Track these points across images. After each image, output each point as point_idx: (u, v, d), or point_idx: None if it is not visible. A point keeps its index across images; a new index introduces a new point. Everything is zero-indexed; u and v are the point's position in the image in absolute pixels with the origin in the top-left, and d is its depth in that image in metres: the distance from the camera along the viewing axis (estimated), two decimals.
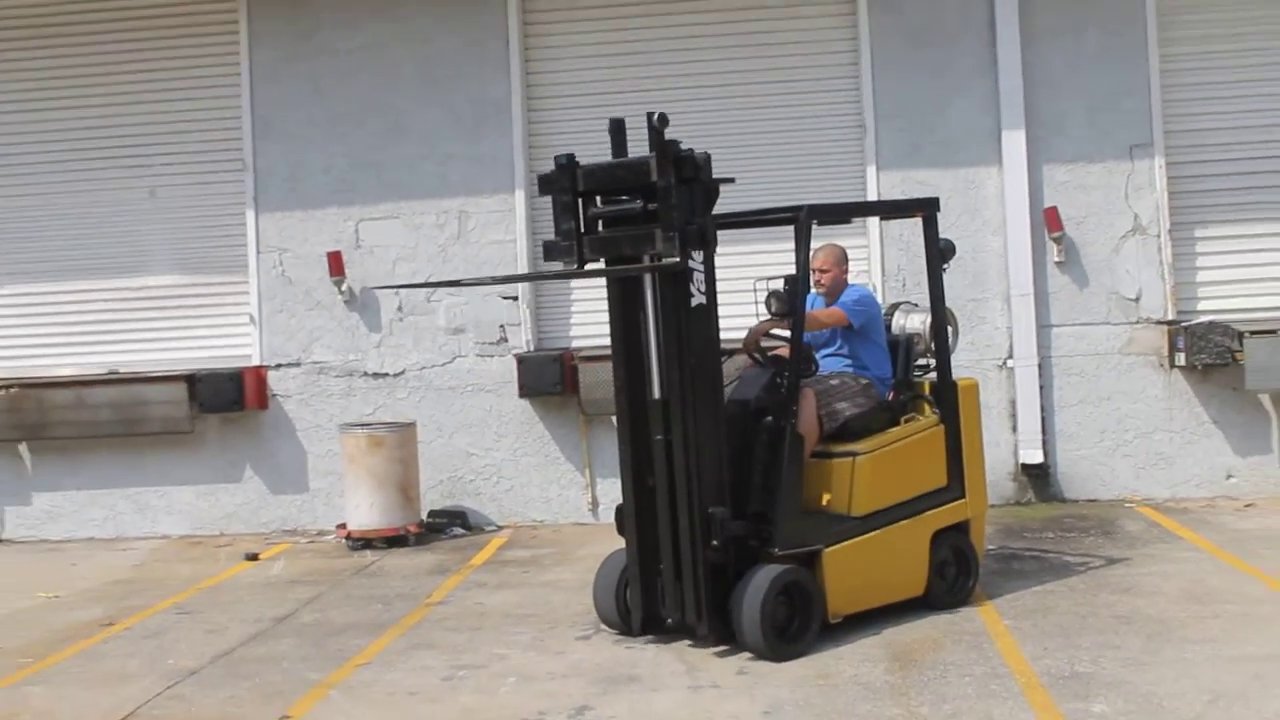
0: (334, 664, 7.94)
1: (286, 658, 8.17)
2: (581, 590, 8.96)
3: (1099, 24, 12.01)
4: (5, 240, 13.25)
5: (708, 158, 7.66)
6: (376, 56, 12.64)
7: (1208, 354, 11.58)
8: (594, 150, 8.08)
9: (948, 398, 8.69)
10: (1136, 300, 12.00)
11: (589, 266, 8.04)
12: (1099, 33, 12.00)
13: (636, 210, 7.78)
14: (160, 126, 12.98)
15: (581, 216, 7.98)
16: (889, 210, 11.19)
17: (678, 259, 7.61)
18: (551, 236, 8.08)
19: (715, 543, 7.61)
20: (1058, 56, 12.02)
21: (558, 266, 8.29)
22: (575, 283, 12.49)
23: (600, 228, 7.99)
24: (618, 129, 8.02)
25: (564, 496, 12.47)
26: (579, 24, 12.46)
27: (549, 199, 8.04)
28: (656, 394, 7.79)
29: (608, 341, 8.14)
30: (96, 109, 13.06)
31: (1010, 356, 12.02)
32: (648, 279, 7.79)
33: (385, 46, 12.62)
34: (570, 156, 7.98)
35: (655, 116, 7.58)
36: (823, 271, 8.70)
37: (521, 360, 12.27)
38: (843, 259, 8.86)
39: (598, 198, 8.00)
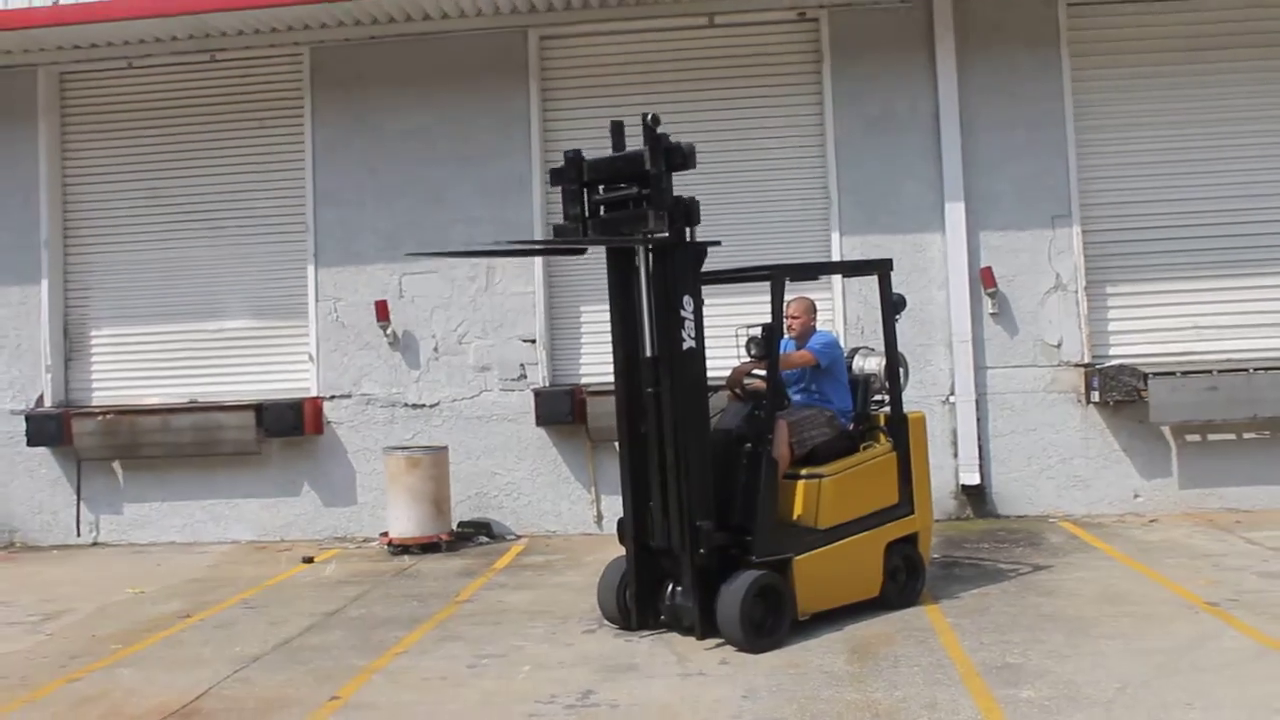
0: (376, 652, 7.87)
1: (336, 646, 8.10)
2: (588, 591, 8.87)
3: (1026, 119, 12.01)
4: (105, 289, 13.24)
5: (693, 148, 7.70)
6: (419, 137, 12.64)
7: (1118, 392, 11.56)
8: None
9: (899, 428, 8.66)
10: (1058, 346, 11.97)
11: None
12: (1026, 126, 12.01)
13: (633, 195, 7.78)
14: (237, 194, 13.00)
15: (586, 203, 7.98)
16: (850, 269, 11.17)
17: (667, 234, 7.58)
18: (562, 244, 8.10)
19: (702, 550, 7.56)
20: (991, 144, 12.02)
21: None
22: (584, 330, 12.49)
23: (603, 212, 7.99)
24: (617, 129, 8.06)
25: (573, 510, 12.38)
26: (588, 111, 12.42)
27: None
28: (648, 352, 7.75)
29: (612, 379, 8.10)
30: (185, 179, 13.08)
31: (952, 393, 11.97)
32: (641, 254, 7.75)
33: (426, 129, 12.63)
34: (577, 152, 8.01)
35: (649, 116, 7.63)
36: (794, 319, 8.68)
37: (538, 394, 12.22)
38: (811, 309, 8.84)
39: (600, 187, 8.01)
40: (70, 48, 12.91)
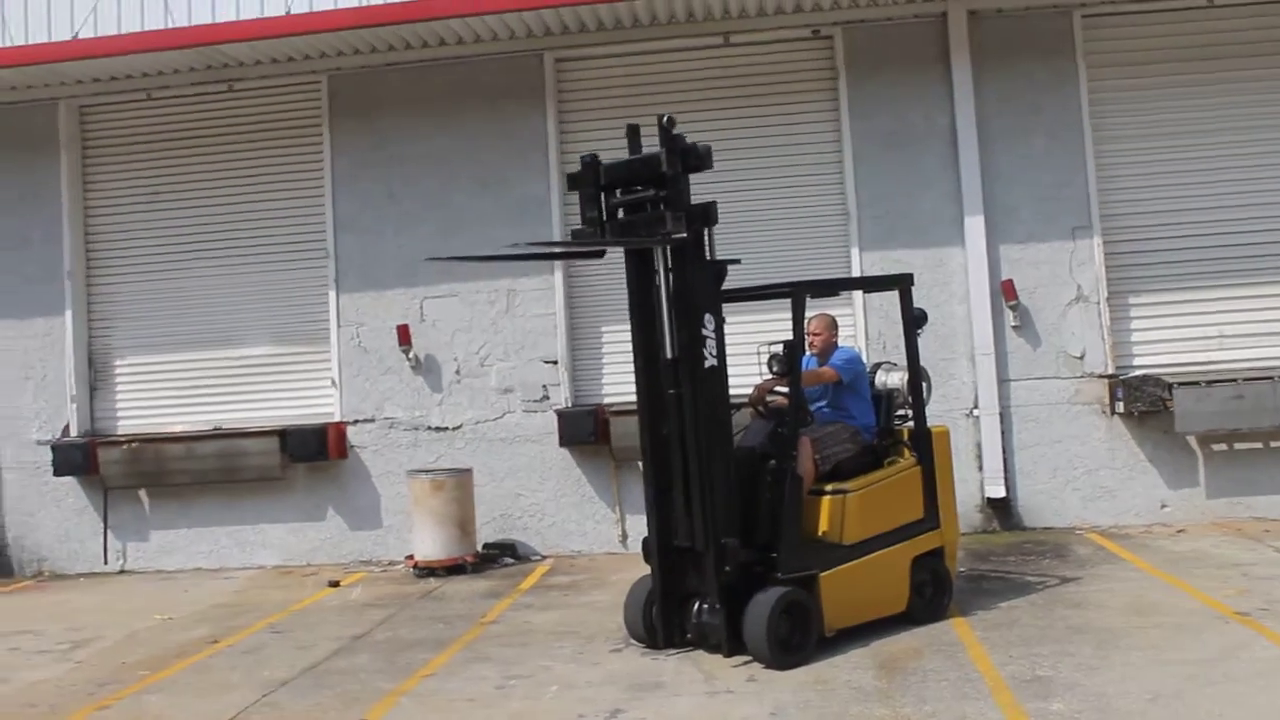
0: (404, 675, 7.89)
1: (364, 670, 8.12)
2: (614, 610, 8.87)
3: (1044, 129, 12.02)
4: (130, 318, 13.34)
5: (709, 148, 7.72)
6: (438, 163, 12.71)
7: (1142, 402, 11.52)
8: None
9: (923, 442, 8.64)
10: (1081, 358, 11.94)
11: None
12: (1044, 136, 12.01)
13: (650, 198, 7.79)
14: (258, 222, 13.09)
15: (604, 206, 7.99)
16: (870, 285, 11.19)
17: (685, 235, 7.59)
18: (581, 246, 8.17)
19: (727, 568, 7.55)
20: (1010, 155, 12.02)
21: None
22: (605, 350, 12.51)
23: (620, 215, 8.01)
24: (633, 133, 8.07)
25: (598, 530, 12.39)
26: (605, 134, 12.39)
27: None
28: (669, 354, 7.75)
29: (634, 398, 8.11)
30: (205, 208, 13.17)
31: (976, 407, 11.94)
32: (659, 257, 7.76)
33: (445, 155, 12.70)
34: (594, 156, 8.03)
35: (664, 118, 7.65)
36: (816, 336, 8.69)
37: (561, 415, 12.24)
38: (833, 325, 8.86)
39: (618, 190, 8.02)
40: (90, 80, 13.07)
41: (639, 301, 7.96)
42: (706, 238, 7.78)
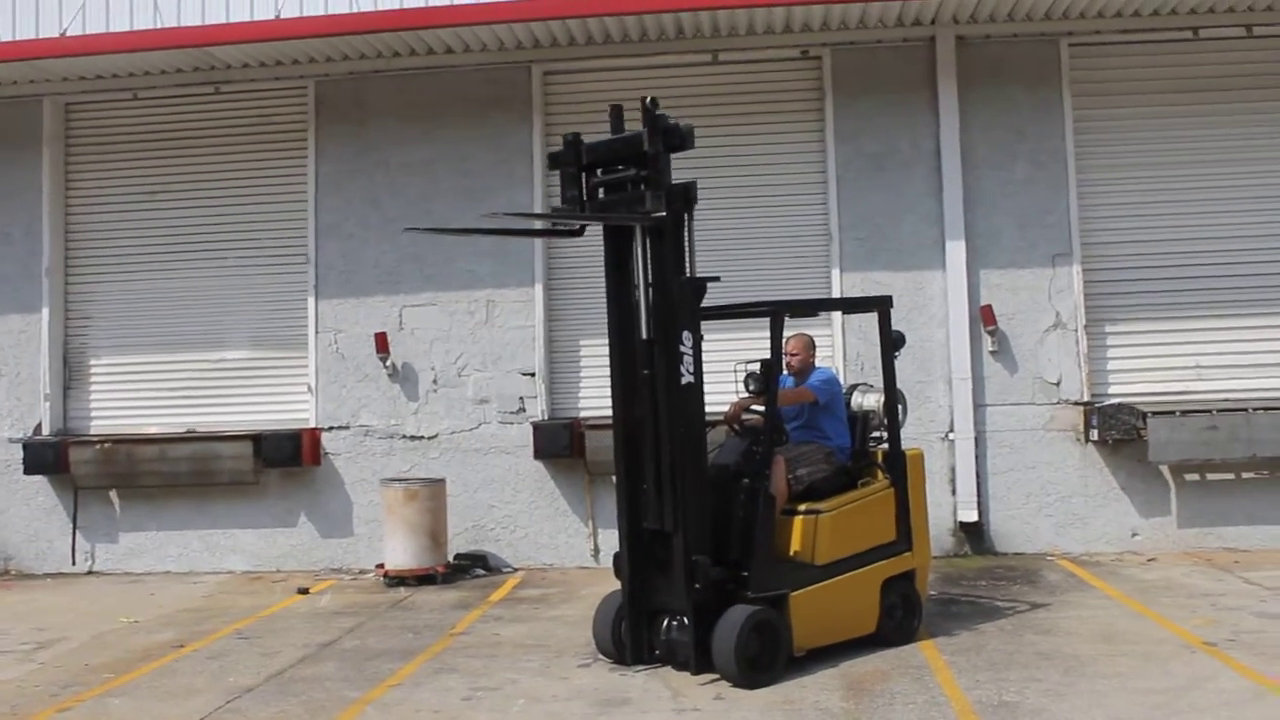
0: (370, 684, 7.85)
1: (330, 678, 8.07)
2: (583, 625, 8.86)
3: (1027, 156, 12.09)
4: (107, 318, 13.28)
5: (691, 128, 7.72)
6: (421, 172, 12.71)
7: (1117, 431, 11.57)
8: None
9: (897, 465, 8.65)
10: (1057, 384, 11.99)
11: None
12: (1027, 163, 12.09)
13: (631, 177, 7.80)
14: (240, 225, 13.05)
15: (585, 186, 8.01)
16: (850, 306, 11.21)
17: (664, 214, 7.60)
18: (560, 219, 8.35)
19: (698, 585, 7.54)
20: (992, 182, 12.09)
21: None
22: (583, 364, 12.51)
23: (601, 195, 8.02)
24: (616, 113, 8.08)
25: (570, 544, 12.37)
26: None
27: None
28: (644, 335, 7.75)
29: (610, 412, 8.10)
30: (187, 210, 13.14)
31: (951, 430, 11.97)
32: (638, 236, 7.75)
33: (429, 163, 12.70)
34: (576, 135, 8.04)
35: (648, 99, 7.68)
36: (793, 355, 8.70)
37: (537, 427, 12.23)
38: (811, 346, 8.86)
39: (599, 170, 8.03)
40: (76, 78, 13.03)
41: (616, 282, 7.96)
42: (687, 220, 7.77)
